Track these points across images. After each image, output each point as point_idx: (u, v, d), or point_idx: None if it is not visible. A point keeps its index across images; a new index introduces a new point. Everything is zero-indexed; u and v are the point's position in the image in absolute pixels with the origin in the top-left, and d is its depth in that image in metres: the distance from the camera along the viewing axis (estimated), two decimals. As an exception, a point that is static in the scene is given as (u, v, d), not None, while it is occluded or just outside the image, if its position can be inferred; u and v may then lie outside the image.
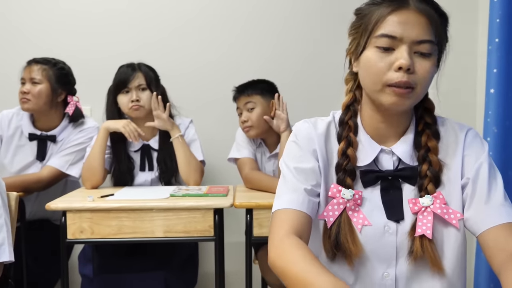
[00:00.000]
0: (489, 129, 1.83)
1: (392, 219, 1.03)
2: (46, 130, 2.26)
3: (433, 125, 1.06)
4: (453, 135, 1.07)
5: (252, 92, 2.14)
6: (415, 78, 0.97)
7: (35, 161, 2.25)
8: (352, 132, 1.07)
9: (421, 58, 0.98)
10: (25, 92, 2.16)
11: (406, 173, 1.05)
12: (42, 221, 2.28)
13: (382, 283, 1.03)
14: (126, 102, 2.14)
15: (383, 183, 1.05)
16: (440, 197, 1.01)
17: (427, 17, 0.99)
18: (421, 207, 1.01)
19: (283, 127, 2.05)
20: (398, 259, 1.02)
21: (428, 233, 0.98)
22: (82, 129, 2.27)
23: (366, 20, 1.02)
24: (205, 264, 2.63)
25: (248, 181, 2.11)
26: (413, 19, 0.97)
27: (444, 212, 1.00)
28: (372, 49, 1.00)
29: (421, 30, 0.97)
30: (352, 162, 1.05)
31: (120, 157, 2.17)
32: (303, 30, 2.67)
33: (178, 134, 2.14)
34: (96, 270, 2.04)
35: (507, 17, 1.78)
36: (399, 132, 1.07)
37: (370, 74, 1.00)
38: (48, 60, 2.24)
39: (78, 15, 2.66)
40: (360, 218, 1.03)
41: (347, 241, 1.01)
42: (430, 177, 1.02)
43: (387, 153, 1.07)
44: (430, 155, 1.03)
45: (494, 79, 1.82)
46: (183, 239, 1.81)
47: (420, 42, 0.97)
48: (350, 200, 1.03)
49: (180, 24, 2.69)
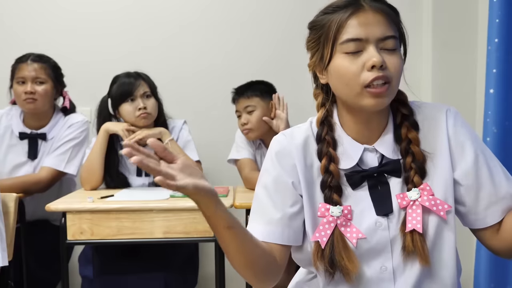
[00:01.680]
0: (489, 130, 1.83)
1: (381, 214, 1.03)
2: (36, 128, 2.25)
3: (410, 116, 1.06)
4: (432, 121, 1.07)
5: (251, 94, 2.14)
6: (388, 73, 0.98)
7: (27, 160, 2.23)
8: (331, 147, 1.06)
9: (388, 54, 0.99)
10: (31, 92, 2.14)
11: (389, 168, 1.05)
12: (40, 221, 2.27)
13: (380, 277, 1.03)
14: (132, 110, 2.11)
15: (370, 181, 1.05)
16: (427, 188, 1.02)
17: (384, 14, 1.01)
18: (409, 201, 1.02)
19: (283, 127, 2.05)
20: (393, 252, 1.03)
21: (418, 227, 0.99)
22: (71, 124, 2.26)
23: (325, 30, 1.04)
24: (205, 265, 2.63)
25: (248, 182, 2.11)
26: (372, 19, 0.99)
27: (432, 204, 1.01)
28: (340, 56, 1.01)
29: (382, 28, 0.99)
30: (336, 177, 1.04)
31: (115, 163, 2.16)
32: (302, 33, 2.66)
33: (168, 139, 2.13)
34: (96, 272, 2.04)
35: (507, 18, 1.78)
36: (379, 129, 1.08)
37: (344, 81, 1.01)
38: (42, 56, 2.22)
39: (77, 16, 2.67)
40: (353, 232, 1.02)
41: (343, 258, 1.00)
42: (415, 169, 1.02)
43: (371, 151, 1.07)
44: (412, 147, 1.03)
45: (494, 79, 1.81)
46: (183, 240, 1.81)
47: (385, 38, 0.99)
48: (340, 217, 1.03)
49: (179, 27, 2.69)
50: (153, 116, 2.16)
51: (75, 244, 1.82)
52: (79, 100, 2.65)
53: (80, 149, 2.26)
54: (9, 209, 1.84)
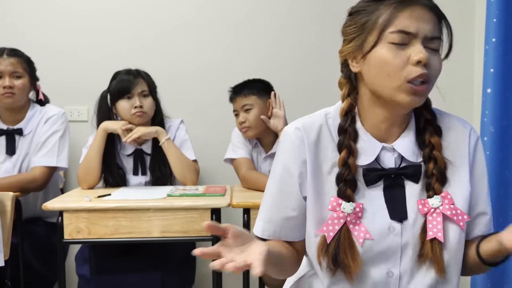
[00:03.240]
0: (486, 129, 1.83)
1: (396, 219, 1.02)
2: (12, 123, 2.23)
3: (434, 121, 1.05)
4: (455, 132, 1.07)
5: (249, 93, 2.14)
6: (429, 73, 0.96)
7: (6, 156, 2.21)
8: (352, 140, 1.04)
9: (432, 54, 0.97)
10: (10, 87, 2.13)
11: (409, 171, 1.03)
12: (34, 219, 2.26)
13: (386, 282, 1.03)
14: (128, 108, 2.11)
15: (386, 182, 1.03)
16: (448, 197, 1.01)
17: (435, 14, 0.99)
18: (430, 208, 1.01)
19: (281, 126, 2.06)
20: (402, 258, 1.02)
21: (439, 235, 0.98)
22: (48, 117, 2.23)
23: (373, 17, 0.99)
24: (203, 264, 2.63)
25: (245, 181, 2.11)
26: (424, 15, 0.97)
27: (453, 214, 1.00)
28: (385, 46, 0.97)
29: (432, 27, 0.97)
30: (353, 171, 1.02)
31: (112, 162, 2.16)
32: (299, 31, 2.66)
33: (164, 138, 2.12)
34: (93, 271, 2.03)
35: (504, 17, 1.78)
36: (400, 129, 1.06)
37: (386, 71, 0.97)
38: (16, 51, 2.20)
39: (74, 13, 2.65)
40: (361, 231, 1.01)
41: (346, 256, 1.00)
42: (436, 175, 1.01)
43: (389, 150, 1.05)
44: (435, 153, 1.02)
45: (491, 78, 1.82)
46: (180, 239, 1.81)
47: (432, 38, 0.97)
48: (351, 214, 1.01)
49: (176, 25, 2.68)
50: (148, 115, 2.16)
51: (72, 243, 1.81)
52: (75, 98, 2.65)
53: (65, 141, 2.25)
54: (6, 208, 1.83)
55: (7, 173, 2.17)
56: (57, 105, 2.36)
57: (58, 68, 2.63)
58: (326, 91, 2.67)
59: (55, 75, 2.58)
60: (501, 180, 1.80)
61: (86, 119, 2.65)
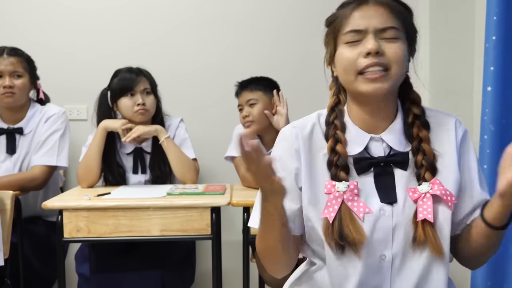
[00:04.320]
0: (486, 127, 1.83)
1: (385, 201, 1.07)
2: (13, 122, 2.23)
3: (422, 116, 1.11)
4: (442, 125, 1.13)
5: (255, 88, 2.15)
6: (385, 59, 1.03)
7: (7, 156, 2.21)
8: (340, 130, 1.11)
9: (388, 42, 1.04)
10: (10, 86, 2.13)
11: (397, 159, 1.09)
12: (34, 218, 2.27)
13: (379, 265, 1.07)
14: (130, 105, 2.11)
15: (376, 170, 1.09)
16: (437, 182, 1.06)
17: (387, 7, 1.06)
18: (421, 194, 1.05)
19: (282, 124, 2.07)
20: (394, 241, 1.06)
21: (429, 217, 1.03)
22: (48, 116, 2.23)
23: (334, 25, 1.11)
24: (203, 263, 2.63)
25: (245, 180, 2.11)
26: (373, 12, 1.05)
27: (442, 194, 1.04)
28: (343, 47, 1.07)
29: (382, 19, 1.05)
30: (343, 156, 1.08)
31: (111, 160, 2.16)
32: (299, 30, 2.66)
33: (164, 137, 2.12)
34: (92, 269, 2.04)
35: (505, 15, 1.77)
36: (387, 121, 1.12)
37: (342, 68, 1.07)
38: (16, 50, 2.20)
39: (74, 12, 2.65)
40: (360, 206, 1.06)
41: (350, 231, 1.04)
42: (426, 166, 1.07)
43: (377, 140, 1.11)
44: (423, 145, 1.08)
45: (491, 77, 1.81)
46: (180, 238, 1.81)
47: (384, 29, 1.04)
48: (346, 192, 1.06)
49: (176, 24, 2.68)
50: (150, 113, 2.16)
51: (71, 242, 1.81)
52: (75, 97, 2.65)
53: (66, 140, 2.25)
54: (6, 207, 1.83)
55: (7, 172, 2.17)
56: (57, 103, 2.36)
57: (57, 67, 2.62)
58: (326, 90, 2.67)
59: (54, 74, 2.58)
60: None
61: (86, 118, 2.65)
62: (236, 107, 2.23)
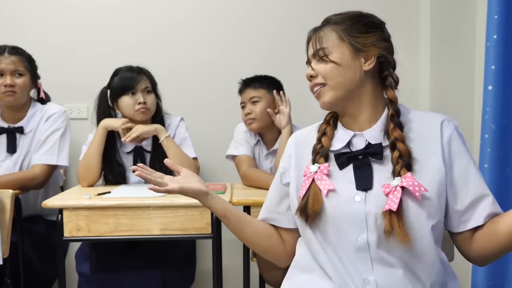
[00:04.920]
0: (487, 126, 1.83)
1: (360, 188, 1.15)
2: (13, 122, 2.23)
3: (395, 116, 1.17)
4: (425, 125, 1.19)
5: (259, 86, 2.15)
6: (319, 78, 1.22)
7: (7, 155, 2.21)
8: (330, 127, 1.26)
9: (319, 63, 1.24)
10: (11, 85, 2.13)
11: (372, 150, 1.17)
12: (34, 217, 2.27)
13: (357, 246, 1.13)
14: (131, 104, 2.11)
15: (355, 162, 1.18)
16: (409, 175, 1.11)
17: (317, 30, 1.31)
18: (392, 188, 1.11)
19: (284, 122, 2.07)
20: (368, 226, 1.12)
21: (394, 207, 1.07)
22: (49, 115, 2.23)
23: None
24: (203, 262, 2.63)
25: (246, 179, 2.11)
26: (310, 43, 1.32)
27: (409, 185, 1.09)
28: None
29: (310, 47, 1.29)
30: (326, 146, 1.22)
31: (112, 159, 2.16)
32: (299, 28, 2.65)
33: (164, 136, 2.12)
34: (93, 269, 2.04)
35: (506, 14, 1.77)
36: (370, 122, 1.21)
37: None
38: (18, 49, 2.19)
39: (74, 10, 2.65)
40: (326, 184, 1.17)
41: (310, 203, 1.17)
42: (401, 162, 1.12)
43: (360, 136, 1.21)
44: (398, 144, 1.14)
45: (492, 76, 1.81)
46: (181, 237, 1.80)
47: (314, 54, 1.27)
48: (317, 172, 1.19)
49: (176, 22, 2.67)
50: (151, 112, 2.16)
51: (71, 241, 1.80)
52: (75, 95, 2.65)
53: (66, 139, 2.25)
54: (5, 206, 1.83)
55: (8, 171, 2.17)
56: (57, 102, 2.36)
57: (57, 65, 2.62)
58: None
59: (54, 72, 2.58)
60: (501, 177, 1.80)
61: (86, 117, 2.65)
62: (236, 106, 2.23)
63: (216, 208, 1.27)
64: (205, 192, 1.26)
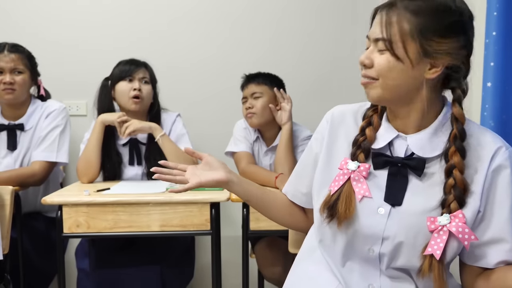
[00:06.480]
0: (486, 123, 1.83)
1: (389, 202, 1.06)
2: (14, 119, 2.23)
3: (458, 140, 1.03)
4: (481, 151, 1.05)
5: (261, 82, 2.17)
6: (373, 71, 1.04)
7: (7, 152, 2.21)
8: (377, 115, 1.14)
9: (378, 54, 1.04)
10: (10, 83, 2.12)
11: (412, 163, 1.06)
12: (34, 213, 2.27)
13: (368, 256, 1.09)
14: (127, 90, 2.12)
15: (392, 169, 1.08)
16: (460, 216, 0.99)
17: (388, 17, 1.03)
18: (438, 226, 1.00)
19: (286, 119, 2.08)
20: (384, 240, 1.06)
21: (437, 253, 0.98)
22: (49, 112, 2.23)
23: None
24: (202, 258, 2.64)
25: (245, 175, 2.11)
26: (380, 19, 1.05)
27: (459, 231, 0.98)
28: None
29: (378, 29, 1.04)
30: (369, 140, 1.11)
31: (109, 151, 2.16)
32: (298, 25, 2.65)
33: (159, 135, 2.11)
34: (93, 265, 2.04)
35: (505, 10, 1.77)
36: (418, 126, 1.08)
37: None
38: (17, 46, 2.19)
39: (73, 7, 2.64)
40: (362, 188, 1.08)
41: (342, 206, 1.08)
42: (454, 195, 1.00)
43: (403, 139, 1.09)
44: (455, 172, 1.01)
45: (491, 72, 1.81)
46: (180, 233, 1.81)
47: (376, 40, 1.05)
48: (355, 171, 1.09)
49: (174, 19, 2.67)
50: (145, 103, 2.16)
51: (71, 237, 1.81)
52: (74, 92, 2.64)
53: (66, 136, 2.25)
54: (5, 202, 1.83)
55: (8, 168, 2.17)
56: (56, 99, 2.35)
57: (56, 62, 2.62)
58: (325, 85, 2.67)
59: (53, 69, 2.57)
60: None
61: (85, 114, 2.65)
62: (235, 102, 2.23)
63: (238, 193, 1.24)
64: (225, 182, 1.20)
